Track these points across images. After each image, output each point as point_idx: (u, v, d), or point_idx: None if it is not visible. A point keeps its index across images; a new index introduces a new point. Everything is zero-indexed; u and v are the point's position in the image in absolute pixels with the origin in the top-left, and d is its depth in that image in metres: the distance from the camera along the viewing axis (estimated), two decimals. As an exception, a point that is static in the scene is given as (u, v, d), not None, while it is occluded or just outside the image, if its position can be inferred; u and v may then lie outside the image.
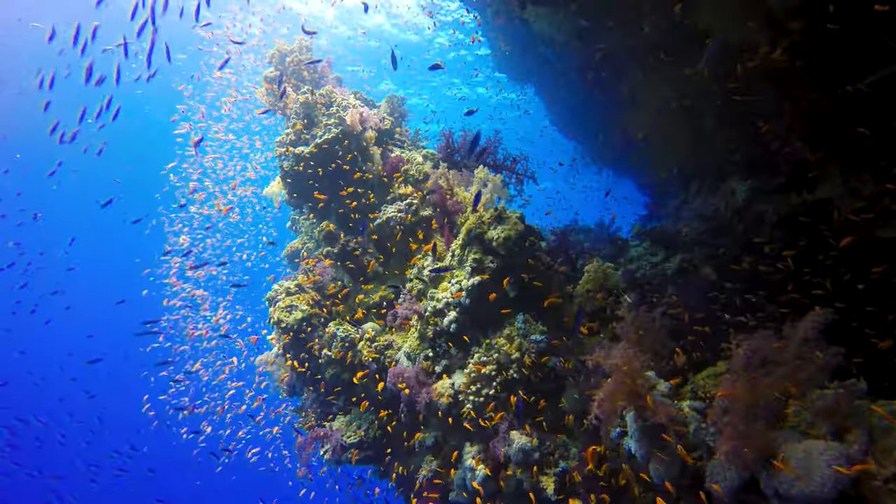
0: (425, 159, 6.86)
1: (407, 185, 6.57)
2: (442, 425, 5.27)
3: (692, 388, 3.82)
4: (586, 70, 8.75)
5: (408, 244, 6.35)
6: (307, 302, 6.55)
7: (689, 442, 3.56)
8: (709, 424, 3.47)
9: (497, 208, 5.21)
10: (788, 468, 2.85)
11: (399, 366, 5.56)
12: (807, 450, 2.88)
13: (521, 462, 4.62)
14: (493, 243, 5.07)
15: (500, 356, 4.93)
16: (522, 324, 5.02)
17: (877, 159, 4.37)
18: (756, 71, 4.90)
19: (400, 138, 7.46)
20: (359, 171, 6.58)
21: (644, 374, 3.75)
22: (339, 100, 6.73)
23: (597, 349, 4.06)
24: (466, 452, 4.98)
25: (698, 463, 3.44)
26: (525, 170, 6.69)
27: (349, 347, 5.97)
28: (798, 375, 3.23)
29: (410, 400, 5.30)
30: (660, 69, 6.24)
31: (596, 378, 4.33)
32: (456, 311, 5.26)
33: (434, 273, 5.66)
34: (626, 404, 3.76)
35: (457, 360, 5.30)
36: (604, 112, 9.60)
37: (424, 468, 5.36)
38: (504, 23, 9.58)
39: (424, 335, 5.53)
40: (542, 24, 7.97)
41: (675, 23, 5.26)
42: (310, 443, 6.24)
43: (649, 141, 8.09)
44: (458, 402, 5.09)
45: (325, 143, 6.42)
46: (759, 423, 3.12)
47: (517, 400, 4.69)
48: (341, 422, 6.17)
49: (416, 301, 5.80)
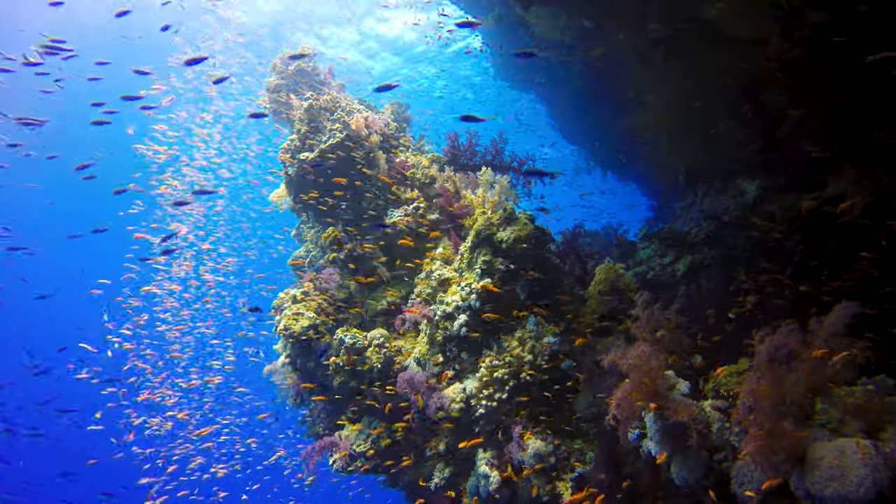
0: (431, 163, 6.81)
1: (413, 189, 6.51)
2: (454, 431, 5.15)
3: (714, 386, 3.71)
4: (590, 72, 8.73)
5: (415, 248, 6.28)
6: (314, 309, 6.46)
7: (713, 442, 3.45)
8: (733, 424, 3.36)
9: (506, 209, 5.14)
10: (821, 468, 2.73)
11: (409, 371, 5.45)
12: (839, 449, 2.76)
13: (535, 467, 4.50)
14: (503, 244, 5.00)
15: (512, 359, 4.83)
16: (534, 326, 4.93)
17: (890, 155, 4.30)
18: (767, 65, 4.86)
19: (405, 143, 7.42)
20: (364, 175, 6.52)
21: (663, 373, 3.65)
22: (344, 104, 6.70)
23: (611, 350, 3.97)
24: (479, 458, 4.86)
25: (723, 464, 3.32)
26: (533, 170, 6.63)
27: (357, 354, 5.87)
28: (825, 372, 3.13)
29: (421, 406, 5.19)
30: (667, 67, 6.20)
31: (612, 379, 4.22)
32: (466, 314, 5.16)
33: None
34: (644, 405, 3.65)
35: (468, 365, 5.20)
36: (608, 115, 9.56)
37: (437, 476, 5.24)
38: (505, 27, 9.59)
39: (434, 340, 5.43)
40: (544, 26, 7.95)
41: (683, 18, 5.22)
42: (318, 452, 6.11)
43: (656, 142, 8.04)
44: (470, 407, 4.98)
45: (329, 148, 6.37)
46: (787, 422, 3.01)
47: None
48: (350, 430, 6.04)
49: (424, 305, 5.71)
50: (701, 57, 5.67)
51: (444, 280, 5.63)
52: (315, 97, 6.81)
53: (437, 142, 8.01)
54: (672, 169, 8.15)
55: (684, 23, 5.31)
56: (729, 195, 6.78)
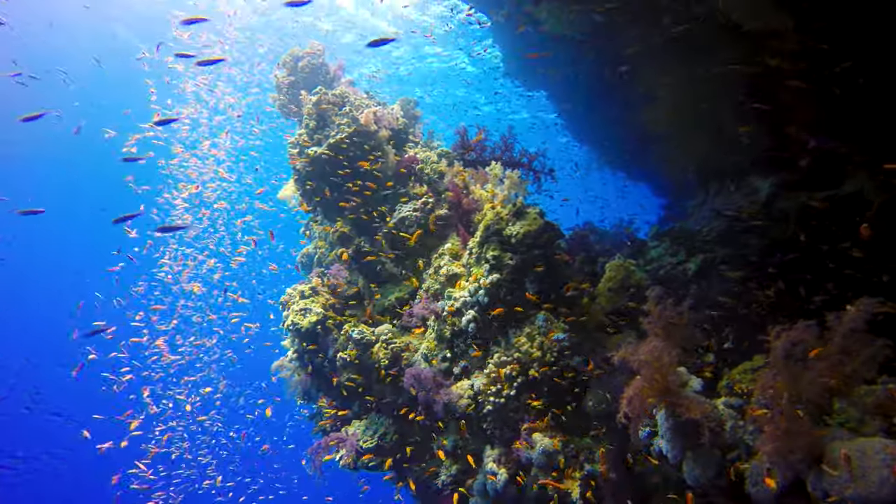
0: (440, 157, 6.76)
1: (422, 183, 6.47)
2: (461, 428, 5.10)
3: (728, 383, 3.63)
4: (600, 69, 8.64)
5: (423, 244, 6.23)
6: (322, 304, 6.45)
7: (726, 441, 3.37)
8: (747, 422, 3.28)
9: (515, 203, 5.08)
10: (841, 468, 2.65)
11: (416, 367, 5.41)
12: (860, 448, 2.68)
13: (544, 465, 4.44)
14: (513, 239, 4.94)
15: (521, 356, 4.77)
16: (543, 322, 4.86)
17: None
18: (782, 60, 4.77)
19: (414, 139, 7.38)
20: (373, 170, 6.49)
21: (675, 370, 3.57)
22: (353, 99, 6.67)
23: (622, 346, 3.90)
24: (487, 455, 4.81)
25: (737, 463, 3.24)
26: (542, 166, 6.56)
27: (365, 350, 5.84)
28: (843, 369, 3.05)
29: (428, 402, 5.15)
30: (678, 63, 6.11)
31: (622, 376, 4.15)
32: (474, 310, 5.11)
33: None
34: (656, 402, 3.58)
35: (476, 361, 5.15)
36: (618, 113, 9.46)
37: (444, 473, 5.19)
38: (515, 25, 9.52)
39: (442, 336, 5.39)
40: (554, 22, 7.87)
41: (696, 12, 5.14)
42: (325, 448, 6.09)
43: (667, 139, 7.94)
44: (478, 403, 4.93)
45: (338, 142, 6.34)
46: (804, 420, 2.93)
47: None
48: (357, 426, 6.02)
49: (432, 301, 5.66)
50: (713, 52, 5.58)
51: (453, 275, 5.58)
52: (323, 92, 6.79)
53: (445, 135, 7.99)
54: (683, 167, 8.04)
55: (698, 16, 5.22)
56: (742, 193, 6.67)
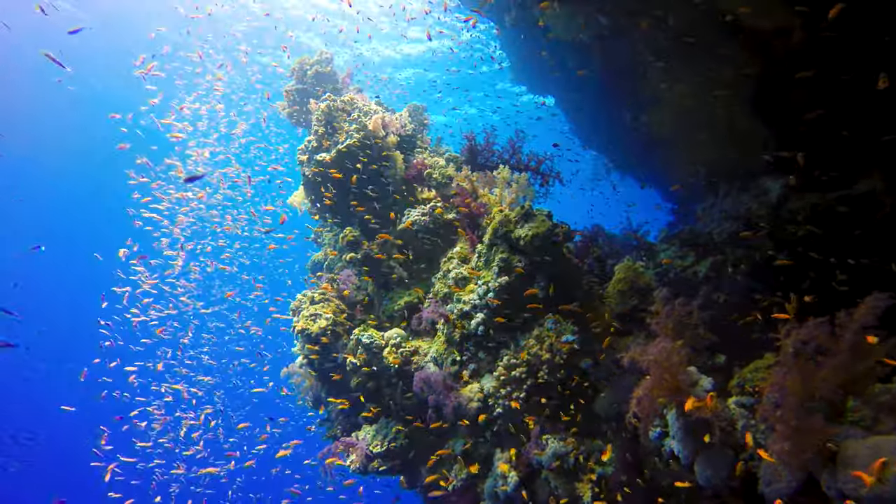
0: (448, 162, 6.81)
1: (430, 188, 6.51)
2: (471, 431, 5.10)
3: (739, 382, 3.60)
4: (607, 73, 8.66)
5: (432, 248, 6.26)
6: (331, 310, 6.48)
7: (738, 440, 3.34)
8: (759, 421, 3.25)
9: (524, 206, 5.10)
10: (856, 467, 2.62)
11: (426, 370, 5.43)
12: (875, 447, 2.65)
13: (554, 468, 4.42)
14: (521, 242, 4.95)
15: (530, 358, 4.76)
16: (553, 325, 4.86)
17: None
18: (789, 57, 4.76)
19: (422, 144, 7.44)
20: (382, 175, 6.55)
21: (685, 369, 3.55)
22: (361, 105, 6.75)
23: (631, 347, 3.89)
24: (497, 458, 4.80)
25: (749, 463, 3.21)
26: (550, 170, 6.58)
27: (375, 354, 5.87)
28: (856, 367, 3.01)
29: (438, 405, 5.15)
30: (685, 64, 6.11)
31: (632, 377, 4.13)
32: (483, 313, 5.12)
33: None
34: (666, 402, 3.57)
35: (485, 364, 5.15)
36: (626, 117, 9.46)
37: (455, 476, 5.18)
38: (522, 31, 9.59)
39: (451, 339, 5.40)
40: (560, 27, 7.92)
41: (702, 12, 5.14)
42: (335, 453, 6.10)
43: (675, 141, 7.91)
44: (487, 406, 4.92)
45: (346, 148, 6.41)
46: (816, 419, 2.89)
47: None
48: (368, 431, 6.03)
49: (442, 304, 5.68)
50: (720, 52, 5.59)
51: (462, 279, 5.60)
52: (332, 98, 6.88)
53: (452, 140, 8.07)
54: (691, 169, 8.01)
55: (704, 17, 5.23)
56: (751, 194, 6.63)
